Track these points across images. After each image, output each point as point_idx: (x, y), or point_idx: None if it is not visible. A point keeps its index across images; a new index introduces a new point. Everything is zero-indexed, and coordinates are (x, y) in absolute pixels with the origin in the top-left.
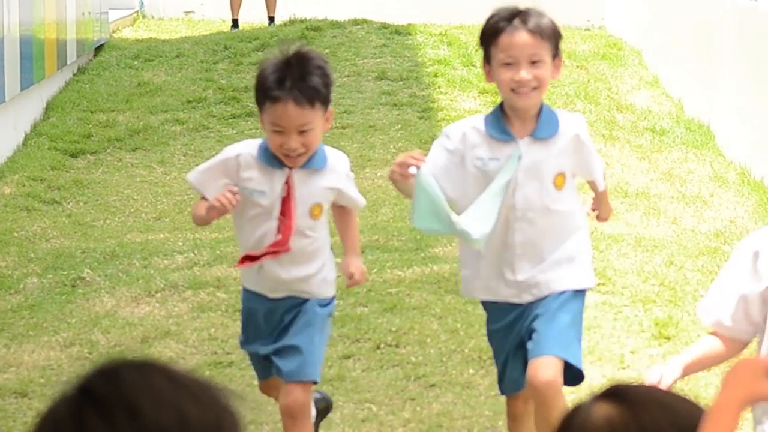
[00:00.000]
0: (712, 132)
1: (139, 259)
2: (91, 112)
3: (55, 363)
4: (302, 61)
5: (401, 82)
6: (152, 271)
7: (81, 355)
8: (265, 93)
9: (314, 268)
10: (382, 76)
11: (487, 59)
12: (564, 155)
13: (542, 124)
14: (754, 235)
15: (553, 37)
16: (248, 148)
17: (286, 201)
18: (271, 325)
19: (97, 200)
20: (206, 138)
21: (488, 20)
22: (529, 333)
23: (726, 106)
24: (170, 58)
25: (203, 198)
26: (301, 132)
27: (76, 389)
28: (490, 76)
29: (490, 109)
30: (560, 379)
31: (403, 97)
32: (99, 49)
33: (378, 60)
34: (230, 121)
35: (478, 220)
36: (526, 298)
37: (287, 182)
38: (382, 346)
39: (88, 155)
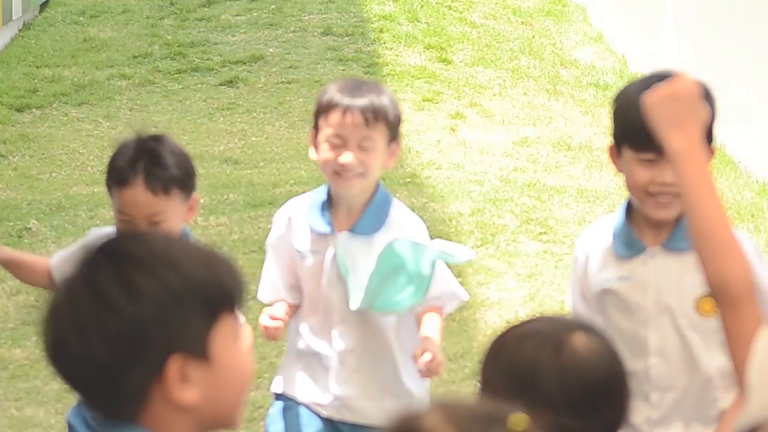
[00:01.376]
0: None
1: (85, 210)
2: (37, 68)
3: (1, 311)
4: (158, 144)
5: (347, 38)
6: (98, 222)
7: (27, 303)
8: (113, 175)
9: None
10: (328, 32)
11: (315, 128)
12: None
13: (367, 215)
14: (582, 237)
15: (390, 121)
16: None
17: None
18: None
19: (43, 154)
20: (152, 93)
21: (324, 92)
22: None
23: (669, 60)
24: (116, 14)
25: None
26: (153, 223)
27: (102, 254)
28: (317, 149)
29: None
30: None
31: (349, 52)
32: (44, 5)
33: (323, 16)
34: (176, 76)
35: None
36: (330, 413)
37: None
38: None
39: (34, 110)
